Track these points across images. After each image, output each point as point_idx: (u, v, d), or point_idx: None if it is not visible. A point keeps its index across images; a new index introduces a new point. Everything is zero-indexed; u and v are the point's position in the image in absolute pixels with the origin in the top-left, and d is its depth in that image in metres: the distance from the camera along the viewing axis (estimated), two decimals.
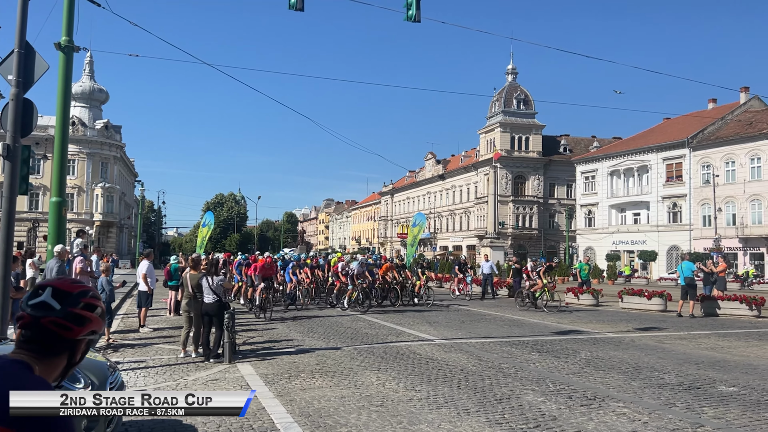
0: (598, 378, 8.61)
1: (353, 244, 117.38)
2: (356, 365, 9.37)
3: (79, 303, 1.70)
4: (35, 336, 1.67)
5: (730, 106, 57.63)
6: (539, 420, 6.34)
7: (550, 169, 73.64)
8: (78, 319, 1.69)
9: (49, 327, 1.66)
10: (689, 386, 8.08)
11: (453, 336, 13.00)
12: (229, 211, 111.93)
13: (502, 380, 8.35)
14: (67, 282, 1.77)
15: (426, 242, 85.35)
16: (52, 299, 1.69)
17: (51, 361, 1.68)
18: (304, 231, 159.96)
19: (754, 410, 6.81)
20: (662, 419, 6.40)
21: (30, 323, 1.67)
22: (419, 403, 7.04)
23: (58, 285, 1.74)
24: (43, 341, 1.67)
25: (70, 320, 1.69)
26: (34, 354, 1.65)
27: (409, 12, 12.84)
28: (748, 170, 50.51)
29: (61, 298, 1.70)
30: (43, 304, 1.68)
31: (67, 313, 1.68)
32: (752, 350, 11.50)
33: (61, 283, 1.75)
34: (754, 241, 49.38)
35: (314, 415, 6.50)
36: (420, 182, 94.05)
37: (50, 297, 1.69)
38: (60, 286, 1.73)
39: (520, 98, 74.06)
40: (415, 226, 24.64)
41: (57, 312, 1.67)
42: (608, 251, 59.43)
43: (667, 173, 57.43)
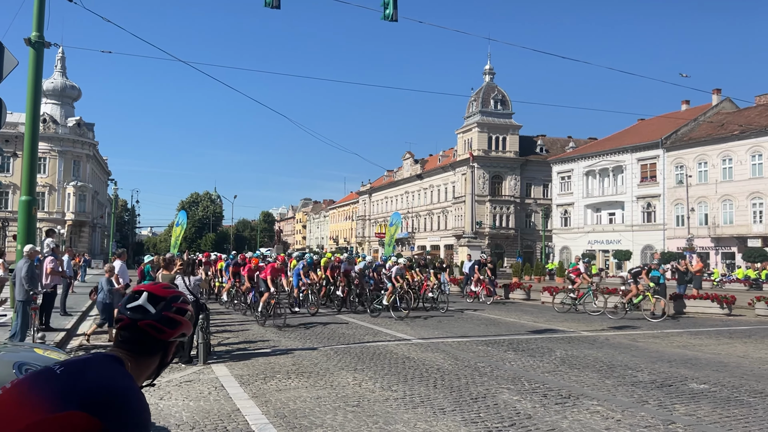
0: (572, 376, 8.68)
1: (331, 243, 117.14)
2: (333, 365, 9.33)
3: (172, 307, 1.86)
4: (133, 337, 1.82)
5: (702, 107, 58.67)
6: (514, 418, 6.37)
7: (527, 169, 74.26)
8: (171, 322, 1.84)
9: (145, 329, 1.82)
10: (661, 384, 8.19)
11: (430, 335, 13.02)
12: (205, 211, 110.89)
13: (478, 379, 8.38)
14: (160, 287, 1.92)
15: (404, 242, 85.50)
16: (148, 303, 1.84)
17: (145, 360, 1.83)
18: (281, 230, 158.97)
19: (724, 407, 6.93)
20: (635, 417, 6.48)
21: (129, 325, 1.82)
22: (395, 402, 7.03)
23: (153, 290, 1.89)
24: (139, 342, 1.82)
25: (164, 323, 1.84)
26: (130, 353, 1.80)
27: (386, 11, 12.82)
28: (720, 171, 51.48)
29: (156, 302, 1.85)
30: (140, 308, 1.83)
31: (162, 317, 1.83)
32: (723, 348, 11.71)
33: (155, 288, 1.90)
34: (726, 240, 50.36)
35: (289, 416, 6.45)
36: (398, 182, 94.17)
37: (146, 301, 1.84)
38: (155, 291, 1.88)
39: (498, 98, 74.56)
40: (392, 225, 24.66)
41: (153, 315, 1.82)
42: (584, 251, 60.05)
43: (641, 173, 58.28)
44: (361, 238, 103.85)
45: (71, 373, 1.66)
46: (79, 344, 11.40)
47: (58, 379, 1.64)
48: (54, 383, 1.63)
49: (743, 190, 49.56)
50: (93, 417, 1.57)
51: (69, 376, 1.65)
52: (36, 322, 10.50)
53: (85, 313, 16.38)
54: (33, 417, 1.55)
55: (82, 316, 15.42)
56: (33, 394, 1.60)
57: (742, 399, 7.36)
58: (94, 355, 1.76)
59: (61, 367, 1.68)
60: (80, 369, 1.68)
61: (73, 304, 16.87)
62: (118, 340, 1.84)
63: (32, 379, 1.66)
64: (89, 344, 11.39)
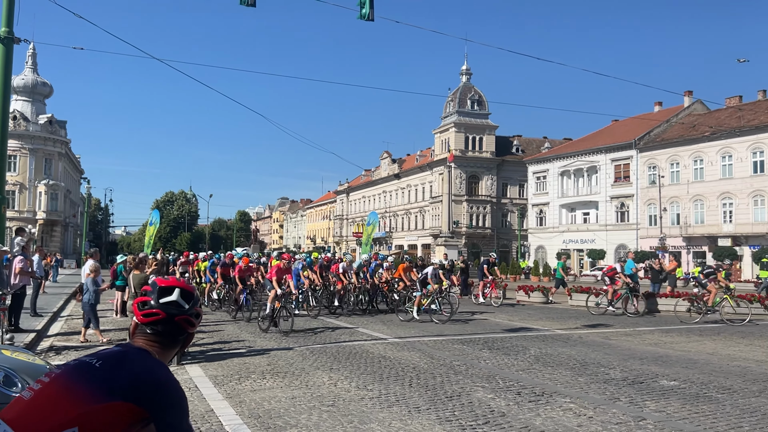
0: (546, 374, 8.78)
1: (308, 243, 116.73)
2: (308, 365, 9.30)
3: (198, 303, 2.02)
4: (166, 330, 1.94)
5: (674, 109, 59.70)
6: (488, 416, 6.41)
7: (503, 169, 74.83)
8: (198, 316, 2.01)
9: (180, 323, 1.95)
10: (633, 381, 8.31)
11: (406, 334, 13.05)
12: (180, 210, 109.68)
13: (453, 378, 8.42)
14: (186, 284, 2.04)
15: (381, 241, 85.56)
16: (182, 299, 1.96)
17: (170, 351, 1.98)
18: (258, 230, 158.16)
19: (693, 403, 7.06)
20: (607, 413, 6.57)
21: (164, 320, 1.93)
22: (371, 402, 7.03)
23: (183, 287, 2.01)
24: (171, 334, 1.95)
25: (194, 317, 2.00)
26: (158, 345, 1.92)
27: (362, 10, 12.81)
28: (691, 171, 52.45)
29: (188, 298, 1.98)
30: (176, 303, 1.95)
31: (193, 312, 1.98)
32: (693, 345, 11.93)
33: (184, 284, 2.03)
34: (697, 240, 51.30)
35: (264, 416, 6.42)
36: (376, 181, 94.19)
37: (180, 297, 1.96)
38: (185, 287, 2.01)
39: (474, 99, 75.00)
40: (370, 225, 24.63)
41: (187, 310, 1.96)
42: (559, 250, 60.73)
43: (615, 174, 59.12)
44: (339, 238, 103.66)
45: (111, 365, 1.76)
46: (50, 345, 11.20)
47: (100, 372, 1.74)
48: (97, 375, 1.73)
49: (714, 190, 50.55)
50: (138, 406, 1.70)
51: (110, 368, 1.75)
52: (5, 323, 10.29)
53: (57, 314, 16.09)
54: (82, 407, 1.64)
55: (53, 317, 15.14)
56: (78, 386, 1.69)
57: (711, 395, 7.50)
58: (127, 348, 1.87)
59: (99, 361, 1.78)
60: (119, 361, 1.79)
61: (44, 305, 16.56)
62: (146, 332, 1.93)
63: (73, 372, 1.75)
64: (60, 345, 11.21)
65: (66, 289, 24.48)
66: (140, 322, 1.95)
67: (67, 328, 13.95)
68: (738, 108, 51.82)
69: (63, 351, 10.68)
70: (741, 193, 48.65)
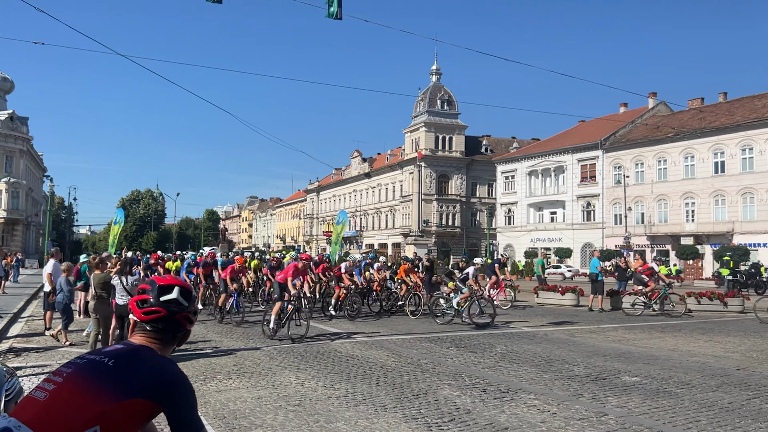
0: (512, 371, 8.88)
1: (278, 242, 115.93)
2: (275, 365, 9.25)
3: (196, 300, 2.23)
4: (167, 327, 1.99)
5: (639, 110, 60.90)
6: (454, 414, 6.46)
7: (473, 169, 75.42)
8: (196, 313, 2.06)
9: (180, 320, 2.00)
10: (596, 377, 8.47)
11: (374, 333, 13.06)
12: (146, 208, 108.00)
13: (420, 376, 8.46)
14: (183, 282, 2.08)
15: (352, 240, 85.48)
16: (181, 297, 2.01)
17: (169, 347, 2.02)
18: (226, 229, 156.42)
19: (654, 398, 7.22)
20: (570, 409, 6.68)
21: (165, 317, 1.98)
22: (337, 401, 7.02)
23: (182, 285, 2.05)
24: (172, 331, 2.00)
25: (193, 314, 2.06)
26: (159, 342, 1.97)
27: (330, 9, 12.77)
28: (655, 171, 53.59)
29: (187, 296, 2.03)
30: (177, 301, 1.99)
31: (191, 309, 2.04)
32: (654, 342, 12.20)
33: (182, 282, 2.07)
34: (661, 238, 52.45)
35: (229, 416, 6.36)
36: (346, 180, 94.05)
37: (180, 295, 2.01)
38: (183, 285, 2.05)
39: (444, 99, 75.41)
40: (339, 223, 24.58)
41: (187, 308, 2.02)
42: (526, 248, 61.60)
43: (581, 173, 60.07)
44: (309, 237, 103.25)
45: (126, 364, 1.82)
46: (9, 347, 10.91)
47: (116, 371, 1.79)
48: (113, 374, 1.78)
49: (677, 190, 51.75)
50: (154, 402, 1.78)
51: (125, 366, 1.81)
52: None
53: (17, 315, 15.69)
54: (101, 406, 1.70)
55: (13, 318, 14.76)
56: (96, 385, 1.74)
57: (671, 390, 7.68)
58: (135, 347, 1.92)
59: (112, 359, 1.83)
60: (133, 359, 1.84)
61: (4, 306, 16.14)
62: (146, 329, 1.98)
63: (88, 372, 1.79)
64: (20, 347, 10.93)
65: (27, 290, 23.87)
66: (140, 319, 1.99)
67: (27, 330, 13.62)
68: (700, 110, 53.09)
69: (23, 353, 10.42)
70: (703, 193, 49.88)
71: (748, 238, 45.96)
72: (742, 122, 47.61)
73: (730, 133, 48.16)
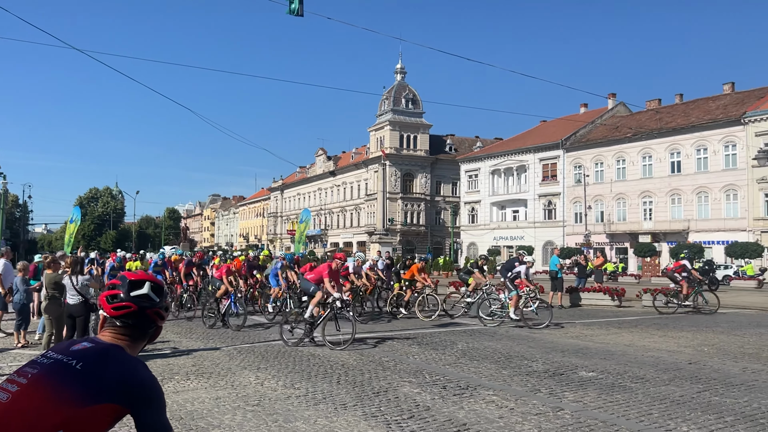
0: (471, 368, 8.97)
1: (241, 241, 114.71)
2: (235, 365, 9.15)
3: (167, 296, 2.09)
4: (137, 323, 1.94)
5: (599, 110, 62.16)
6: (413, 411, 6.49)
7: (437, 168, 75.92)
8: (167, 309, 2.09)
9: (151, 316, 1.96)
10: (554, 373, 8.61)
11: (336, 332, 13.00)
12: (105, 207, 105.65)
13: (381, 374, 8.48)
14: (154, 277, 2.03)
15: (316, 239, 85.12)
16: (152, 293, 1.96)
17: (140, 343, 1.99)
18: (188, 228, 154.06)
19: (609, 393, 7.38)
20: (527, 405, 6.78)
21: (135, 312, 1.93)
22: (297, 400, 6.99)
23: (153, 280, 2.00)
24: (142, 328, 1.96)
25: (164, 310, 2.03)
26: (129, 339, 1.93)
27: (291, 5, 12.68)
28: (614, 171, 54.80)
29: (158, 291, 1.99)
30: (147, 297, 1.95)
31: (163, 305, 2.00)
32: (611, 338, 12.46)
33: (153, 278, 2.02)
34: (619, 236, 53.66)
35: (186, 417, 6.27)
36: (311, 178, 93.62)
37: (151, 291, 1.96)
38: (154, 280, 2.01)
39: (409, 97, 75.69)
40: (303, 222, 24.46)
41: (158, 303, 1.98)
42: (489, 246, 62.26)
43: (543, 173, 61.04)
44: (273, 236, 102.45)
45: (95, 367, 1.76)
46: None
47: (84, 374, 1.73)
48: (81, 378, 1.72)
49: (635, 189, 53.01)
50: (123, 407, 1.75)
51: (94, 370, 1.75)
52: None
53: None
54: (68, 411, 1.65)
55: None
56: (63, 388, 1.69)
57: (625, 385, 7.86)
58: (104, 347, 1.86)
59: (79, 362, 1.77)
60: (101, 362, 1.78)
61: None
62: (116, 325, 1.94)
63: (53, 375, 1.73)
64: None
65: None
66: (110, 315, 1.95)
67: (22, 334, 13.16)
68: (657, 111, 54.50)
69: None
70: (660, 192, 51.20)
71: (702, 236, 47.36)
72: (697, 123, 49.03)
73: (685, 134, 49.55)
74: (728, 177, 46.96)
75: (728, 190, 47.22)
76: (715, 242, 46.68)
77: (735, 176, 46.55)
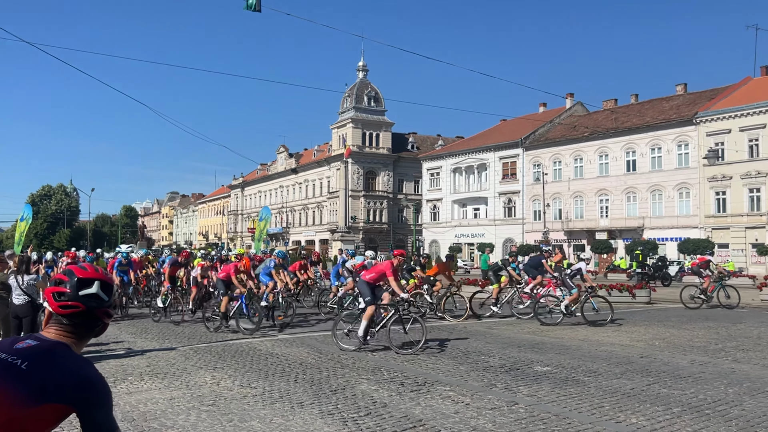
0: (430, 364, 9.03)
1: (200, 239, 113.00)
2: (191, 365, 9.01)
3: (115, 293, 2.06)
4: (85, 323, 1.90)
5: (557, 110, 63.26)
6: (370, 408, 6.51)
7: (399, 166, 76.18)
8: (115, 307, 2.14)
9: (100, 316, 1.92)
10: (510, 368, 8.74)
11: (295, 330, 12.95)
12: (59, 204, 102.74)
13: (340, 371, 8.47)
14: (104, 274, 1.98)
15: (278, 237, 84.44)
16: (102, 292, 1.91)
17: (85, 340, 1.95)
18: (145, 226, 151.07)
19: (562, 387, 7.52)
20: (483, 400, 6.86)
21: (83, 312, 1.88)
22: (253, 399, 6.92)
23: (103, 278, 1.95)
24: (89, 327, 1.92)
25: (112, 308, 1.98)
26: (75, 336, 1.89)
27: (249, 0, 12.53)
28: (572, 169, 55.89)
29: (108, 290, 1.93)
30: (97, 296, 1.90)
31: (111, 303, 1.95)
32: (566, 333, 12.70)
33: (104, 276, 1.97)
34: (577, 233, 54.75)
35: (138, 419, 6.15)
36: (272, 176, 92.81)
37: (100, 290, 1.90)
38: (105, 279, 1.95)
39: (371, 95, 75.71)
40: (262, 220, 24.23)
41: (107, 303, 1.93)
42: (451, 243, 62.82)
43: (503, 171, 61.85)
44: (233, 234, 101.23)
45: (40, 366, 1.73)
46: None
47: (29, 374, 1.70)
48: (26, 378, 1.68)
49: (592, 187, 54.17)
50: (69, 406, 1.71)
51: (39, 370, 1.71)
52: None
53: None
54: (12, 413, 1.62)
55: None
56: (6, 389, 1.65)
57: (579, 378, 8.03)
58: (49, 345, 1.82)
59: (25, 361, 1.73)
60: (47, 361, 1.75)
61: None
62: (62, 323, 1.89)
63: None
64: None
65: None
66: (57, 312, 1.90)
67: None
68: (613, 110, 55.77)
69: None
70: (616, 190, 52.43)
71: (656, 233, 48.71)
72: (651, 123, 50.36)
73: (640, 134, 50.85)
74: (681, 175, 48.38)
75: (681, 189, 48.65)
76: (668, 239, 48.05)
77: (687, 175, 47.99)
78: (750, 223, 44.71)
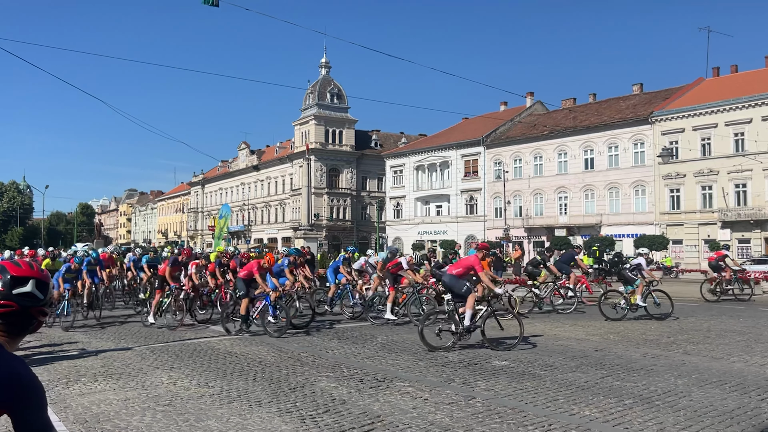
0: (389, 360, 9.07)
1: (159, 237, 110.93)
2: (147, 365, 8.86)
3: (50, 291, 1.93)
4: (18, 321, 1.84)
5: (518, 109, 64.10)
6: (329, 405, 6.50)
7: (363, 163, 76.15)
8: (51, 305, 2.01)
9: (34, 315, 1.87)
10: (468, 363, 8.84)
11: (255, 329, 12.82)
12: (11, 202, 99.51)
13: (299, 369, 8.44)
14: (40, 271, 1.92)
15: (239, 234, 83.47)
16: (37, 291, 1.85)
17: (19, 339, 1.90)
18: (102, 224, 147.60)
19: (519, 381, 7.65)
20: (441, 395, 6.93)
21: (18, 312, 1.82)
22: (210, 399, 6.84)
23: (39, 276, 1.89)
24: (22, 325, 1.86)
25: (47, 306, 1.93)
26: (7, 335, 1.84)
27: None
28: (532, 167, 56.74)
29: (43, 288, 1.88)
30: (32, 295, 1.84)
31: (46, 302, 1.90)
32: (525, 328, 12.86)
33: (39, 274, 1.90)
34: (537, 230, 55.64)
35: (91, 420, 6.02)
36: (233, 173, 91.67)
37: (35, 288, 1.85)
38: (40, 277, 1.89)
39: (334, 92, 75.44)
40: (222, 217, 23.92)
41: (42, 302, 1.88)
42: (414, 241, 63.11)
43: (465, 169, 62.41)
44: (194, 232, 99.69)
45: None
46: None
47: None
48: None
49: (551, 185, 55.10)
50: (0, 407, 1.69)
51: None
52: None
53: None
54: None
55: None
56: None
57: (535, 372, 8.17)
58: None
59: None
60: None
61: None
62: None
63: None
64: None
65: None
66: None
67: None
68: (571, 110, 56.80)
69: None
70: (574, 188, 53.46)
71: (613, 230, 49.83)
72: (608, 122, 51.48)
73: (598, 132, 51.93)
74: (637, 173, 49.60)
75: (637, 186, 49.88)
76: (625, 235, 49.19)
77: (643, 173, 49.22)
78: (702, 219, 46.15)
